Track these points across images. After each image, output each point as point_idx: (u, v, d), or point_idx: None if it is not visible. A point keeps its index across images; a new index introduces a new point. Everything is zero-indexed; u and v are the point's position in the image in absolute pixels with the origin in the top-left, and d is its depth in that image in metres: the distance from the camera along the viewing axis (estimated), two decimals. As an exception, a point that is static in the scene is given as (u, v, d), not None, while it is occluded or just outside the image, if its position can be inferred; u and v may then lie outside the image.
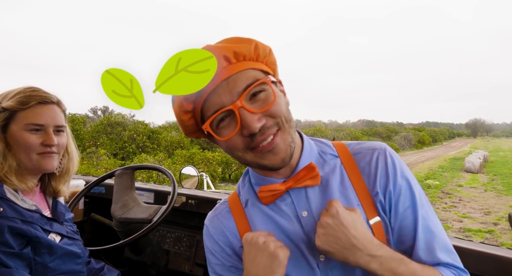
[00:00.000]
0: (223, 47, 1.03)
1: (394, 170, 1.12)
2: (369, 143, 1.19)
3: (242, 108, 1.00)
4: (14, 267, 1.29)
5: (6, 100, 1.43)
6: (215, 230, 1.23)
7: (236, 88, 1.01)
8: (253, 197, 1.21)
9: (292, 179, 1.12)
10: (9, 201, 1.37)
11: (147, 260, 2.29)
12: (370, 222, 1.09)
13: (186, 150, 18.63)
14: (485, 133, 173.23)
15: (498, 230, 9.01)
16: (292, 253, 1.11)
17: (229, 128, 1.04)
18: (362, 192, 1.13)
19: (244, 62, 1.04)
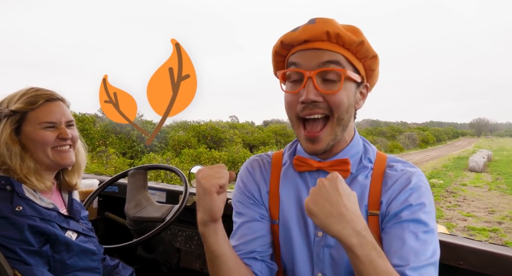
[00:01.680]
0: (331, 24, 1.12)
1: (411, 191, 1.15)
2: (407, 165, 1.24)
3: (311, 78, 1.11)
4: (34, 265, 1.30)
5: (13, 103, 1.44)
6: (251, 167, 1.38)
7: (318, 60, 1.12)
8: (292, 160, 1.32)
9: (327, 163, 1.22)
10: (28, 200, 1.39)
11: (159, 258, 2.30)
12: (370, 211, 1.19)
13: (193, 149, 18.64)
14: (489, 132, 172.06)
15: (503, 229, 8.96)
16: (300, 223, 1.25)
17: (294, 86, 1.17)
18: (374, 197, 1.19)
19: (339, 47, 1.14)
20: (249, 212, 1.31)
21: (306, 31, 1.13)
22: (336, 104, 1.13)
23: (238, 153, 18.72)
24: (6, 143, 1.40)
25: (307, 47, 1.14)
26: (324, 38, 1.12)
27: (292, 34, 1.16)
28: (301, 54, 1.15)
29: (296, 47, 1.17)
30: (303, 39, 1.14)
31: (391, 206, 1.16)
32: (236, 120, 68.53)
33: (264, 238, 1.27)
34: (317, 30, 1.12)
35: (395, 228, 1.11)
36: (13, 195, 1.35)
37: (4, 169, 1.41)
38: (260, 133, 27.84)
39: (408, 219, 1.11)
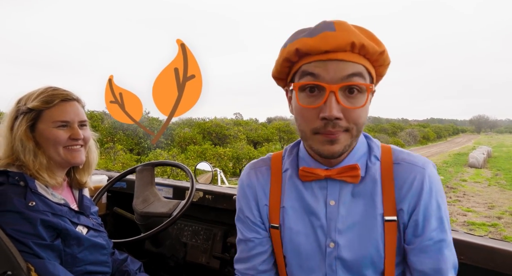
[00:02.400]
0: (354, 33, 1.01)
1: (429, 194, 1.11)
2: (413, 158, 1.17)
3: (334, 93, 1.00)
4: (46, 258, 1.31)
5: (31, 101, 1.45)
6: (248, 181, 1.30)
7: (342, 73, 1.00)
8: (294, 169, 1.23)
9: (334, 170, 1.13)
10: (41, 195, 1.40)
11: (166, 252, 2.31)
12: (385, 217, 1.12)
13: (199, 145, 18.67)
14: (489, 129, 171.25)
15: (502, 223, 8.95)
16: (308, 232, 1.18)
17: (311, 99, 1.04)
18: (388, 201, 1.13)
19: (361, 57, 1.03)
20: (244, 230, 1.29)
21: (327, 40, 0.99)
22: (357, 119, 1.04)
23: (243, 150, 18.74)
24: (21, 139, 1.42)
25: (328, 57, 1.01)
26: (348, 48, 1.00)
27: (309, 41, 1.01)
28: (320, 65, 1.02)
29: (314, 56, 1.03)
30: (324, 49, 1.00)
31: (413, 218, 1.11)
32: (240, 117, 68.46)
33: (262, 255, 1.26)
34: (341, 40, 0.99)
35: (421, 246, 1.10)
36: (27, 191, 1.37)
37: (17, 165, 1.42)
38: (264, 130, 27.85)
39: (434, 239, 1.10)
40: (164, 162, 2.41)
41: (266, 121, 63.34)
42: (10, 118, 1.46)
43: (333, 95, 1.00)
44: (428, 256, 1.09)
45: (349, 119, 1.03)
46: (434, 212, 1.11)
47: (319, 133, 1.05)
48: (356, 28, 1.04)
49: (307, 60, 1.04)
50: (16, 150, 1.42)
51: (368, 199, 1.14)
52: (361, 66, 1.03)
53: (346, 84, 1.01)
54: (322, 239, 1.16)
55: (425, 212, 1.10)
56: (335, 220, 1.15)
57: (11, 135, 1.44)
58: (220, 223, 2.45)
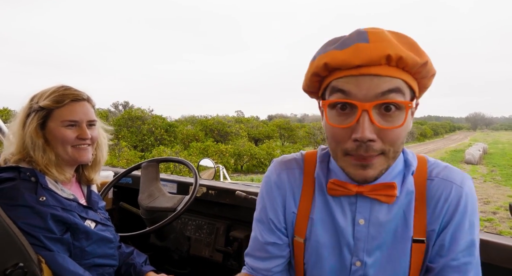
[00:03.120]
0: (391, 44, 0.87)
1: (463, 215, 1.00)
2: (450, 173, 1.05)
3: (367, 111, 0.87)
4: (56, 251, 1.33)
5: (43, 99, 1.46)
6: (279, 182, 1.16)
7: (376, 89, 0.87)
8: (324, 179, 1.11)
9: (368, 187, 1.00)
10: (51, 190, 1.42)
11: (170, 246, 2.33)
12: (414, 238, 1.02)
13: (201, 142, 18.68)
14: (485, 126, 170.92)
15: (497, 219, 8.96)
16: (334, 247, 1.08)
17: (342, 118, 0.92)
18: (419, 221, 1.03)
19: (399, 71, 0.89)
20: (264, 233, 1.16)
21: (358, 54, 0.86)
22: (394, 141, 0.91)
23: (244, 146, 18.74)
24: (31, 136, 1.43)
25: (360, 72, 0.87)
26: (383, 62, 0.86)
27: (339, 55, 0.88)
28: (351, 81, 0.88)
29: (344, 71, 0.89)
30: (355, 64, 0.86)
31: (441, 237, 1.01)
32: (241, 114, 68.35)
33: (279, 259, 1.17)
34: (375, 53, 0.85)
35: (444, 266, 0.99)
36: (37, 186, 1.38)
37: (28, 160, 1.44)
38: (265, 127, 27.87)
39: (460, 261, 0.99)
40: (168, 159, 2.42)
41: (267, 118, 63.30)
42: (23, 115, 1.48)
43: (366, 114, 0.87)
44: (453, 271, 0.99)
45: (385, 140, 0.90)
46: (465, 233, 0.99)
47: (350, 155, 0.93)
48: (394, 36, 0.90)
49: (337, 75, 0.91)
50: (27, 146, 1.43)
51: (400, 219, 1.03)
52: (399, 80, 0.89)
53: (381, 102, 0.88)
54: (348, 257, 1.06)
55: (455, 232, 1.00)
56: (363, 240, 1.05)
57: (23, 131, 1.45)
58: (223, 217, 2.46)
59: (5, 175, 1.38)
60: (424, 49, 0.92)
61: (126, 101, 60.82)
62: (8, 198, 1.31)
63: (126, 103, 58.86)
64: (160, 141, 19.15)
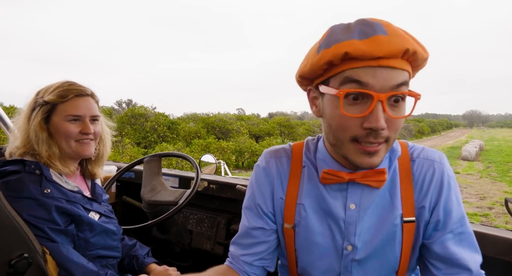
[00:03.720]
0: (409, 40, 0.89)
1: (448, 190, 1.06)
2: (429, 153, 1.10)
3: (381, 102, 0.89)
4: (61, 242, 1.33)
5: (47, 94, 1.47)
6: (267, 168, 1.18)
7: (392, 82, 0.89)
8: (313, 168, 1.13)
9: (359, 174, 1.03)
10: (55, 183, 1.42)
11: (172, 239, 2.33)
12: (404, 219, 1.06)
13: (203, 139, 18.68)
14: (481, 123, 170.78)
15: (493, 214, 8.95)
16: (325, 233, 1.10)
17: (355, 108, 0.92)
18: (407, 199, 1.07)
19: (408, 64, 0.92)
20: (252, 218, 1.18)
21: (380, 46, 0.86)
22: (396, 129, 0.95)
23: (245, 143, 18.74)
24: (35, 130, 1.43)
25: (378, 64, 0.87)
26: (400, 55, 0.88)
27: (361, 45, 0.87)
28: (369, 72, 0.88)
29: (363, 61, 0.88)
30: (377, 55, 0.86)
31: (434, 215, 1.05)
32: (242, 112, 68.33)
33: (264, 244, 1.18)
34: (395, 46, 0.86)
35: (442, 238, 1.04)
36: (42, 179, 1.39)
37: (32, 154, 1.45)
38: (265, 125, 27.87)
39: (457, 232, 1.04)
40: (170, 153, 2.43)
41: (267, 116, 63.30)
42: (28, 109, 1.48)
43: (380, 104, 0.89)
44: (448, 245, 1.03)
45: (391, 128, 0.93)
46: (455, 206, 1.05)
47: (358, 141, 0.94)
48: (404, 32, 0.92)
49: (354, 65, 0.89)
50: (31, 139, 1.44)
51: (388, 201, 1.07)
52: (406, 73, 0.92)
53: (395, 93, 0.90)
54: (339, 241, 1.09)
55: (446, 207, 1.05)
56: (354, 224, 1.07)
57: (28, 125, 1.46)
58: (224, 211, 2.47)
59: (10, 168, 1.38)
60: None
61: (130, 99, 60.82)
62: (13, 190, 1.32)
63: (129, 101, 58.84)
64: (163, 138, 19.16)
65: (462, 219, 1.05)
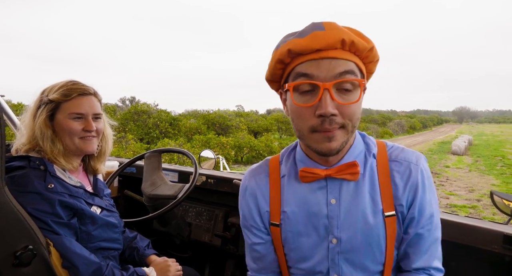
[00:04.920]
0: (343, 31, 0.96)
1: (423, 189, 1.10)
2: (407, 153, 1.14)
3: (328, 90, 0.95)
4: (64, 235, 1.34)
5: (52, 93, 1.47)
6: (249, 188, 1.25)
7: (334, 70, 0.95)
8: (293, 173, 1.19)
9: (334, 169, 1.09)
10: (59, 178, 1.43)
11: (172, 231, 2.34)
12: (386, 213, 1.09)
13: (203, 135, 18.66)
14: (470, 119, 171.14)
15: (481, 205, 8.98)
16: (310, 233, 1.14)
17: (306, 98, 0.99)
18: (386, 195, 1.11)
19: (351, 54, 0.99)
20: (250, 235, 1.26)
21: (317, 39, 0.95)
22: (352, 115, 0.99)
23: (244, 139, 18.73)
24: (40, 127, 1.44)
25: (319, 56, 0.96)
26: (338, 46, 0.96)
27: (300, 41, 0.96)
28: (313, 64, 0.97)
29: (306, 55, 0.97)
30: (315, 48, 0.95)
31: (410, 211, 1.10)
32: (241, 109, 68.24)
33: (269, 256, 1.25)
34: (331, 38, 0.94)
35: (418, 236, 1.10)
36: (46, 174, 1.40)
37: (37, 150, 1.46)
38: (264, 121, 27.83)
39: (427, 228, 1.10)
40: (170, 149, 2.43)
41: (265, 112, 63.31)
42: (34, 107, 1.49)
43: (327, 92, 0.95)
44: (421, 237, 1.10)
45: (344, 115, 0.98)
46: (428, 205, 1.10)
47: (317, 131, 1.00)
48: (345, 27, 1.00)
49: (300, 60, 0.99)
50: (36, 136, 1.45)
51: (368, 195, 1.10)
52: (352, 63, 0.98)
53: (339, 80, 0.96)
54: (324, 236, 1.12)
55: (420, 206, 1.10)
56: (336, 218, 1.11)
57: (33, 122, 1.47)
58: (222, 204, 2.47)
59: (16, 163, 1.39)
60: (369, 37, 1.02)
61: (133, 96, 60.83)
62: (18, 185, 1.32)
63: (132, 98, 58.83)
64: (165, 134, 19.13)
65: (431, 218, 1.11)
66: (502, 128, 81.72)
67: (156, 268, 1.63)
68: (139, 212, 2.39)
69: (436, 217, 1.13)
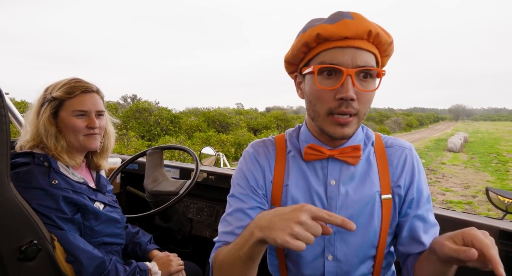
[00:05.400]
0: (372, 24, 1.00)
1: (419, 172, 1.17)
2: (400, 141, 1.22)
3: (350, 76, 0.98)
4: (67, 230, 1.35)
5: (55, 90, 1.47)
6: (257, 154, 1.22)
7: (359, 59, 0.98)
8: (296, 151, 1.20)
9: (338, 150, 1.12)
10: (62, 174, 1.43)
11: (174, 227, 2.35)
12: (382, 196, 1.13)
13: (204, 132, 18.66)
14: (466, 117, 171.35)
15: (476, 202, 8.99)
16: None
17: (329, 81, 1.01)
18: (384, 178, 1.15)
19: (374, 47, 1.02)
20: (248, 200, 1.16)
21: (347, 27, 0.97)
22: (365, 102, 1.03)
23: (243, 136, 18.74)
24: (44, 124, 1.44)
25: (346, 44, 0.98)
26: (365, 36, 0.98)
27: (331, 27, 0.98)
28: (338, 52, 0.99)
29: (333, 42, 0.99)
30: (344, 35, 0.97)
31: (410, 192, 1.15)
32: (241, 107, 68.20)
33: None
34: (360, 28, 0.97)
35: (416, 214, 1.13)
36: (50, 170, 1.40)
37: (41, 147, 1.45)
38: (263, 118, 27.82)
39: (425, 209, 1.15)
40: (171, 146, 2.44)
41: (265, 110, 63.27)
42: (37, 105, 1.49)
43: (349, 78, 0.98)
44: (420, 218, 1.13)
45: (360, 101, 1.01)
46: (424, 187, 1.17)
47: (332, 113, 1.02)
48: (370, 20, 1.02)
49: (326, 46, 1.00)
50: (41, 133, 1.45)
51: (366, 178, 1.14)
52: (373, 55, 1.02)
53: (362, 68, 0.99)
54: None
55: (418, 187, 1.15)
56: (335, 198, 1.13)
57: (37, 120, 1.46)
58: (222, 201, 2.47)
59: (20, 160, 1.39)
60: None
61: (134, 94, 60.81)
62: (23, 181, 1.32)
63: (134, 96, 58.78)
64: (166, 131, 19.12)
65: (429, 197, 1.18)
66: (497, 125, 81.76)
67: (158, 263, 1.64)
68: (141, 208, 2.40)
69: (430, 196, 1.19)
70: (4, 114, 1.16)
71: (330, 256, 1.15)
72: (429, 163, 15.56)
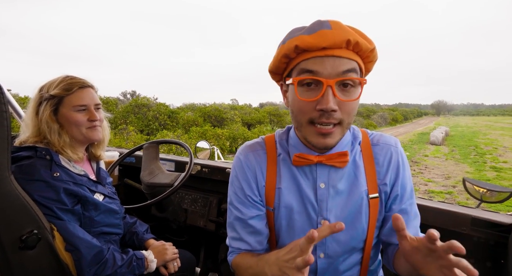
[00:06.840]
0: (349, 31, 0.95)
1: (403, 169, 1.15)
2: (386, 138, 1.18)
3: (330, 87, 0.94)
4: (67, 220, 1.35)
5: (52, 88, 1.46)
6: (248, 162, 1.20)
7: (338, 68, 0.94)
8: (286, 155, 1.17)
9: (325, 156, 1.09)
10: (63, 167, 1.43)
11: (169, 217, 2.34)
12: (370, 195, 1.12)
13: (200, 127, 18.62)
14: (447, 112, 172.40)
15: (456, 191, 9.09)
16: (301, 210, 1.14)
17: (309, 93, 0.97)
18: (371, 177, 1.13)
19: (355, 54, 0.97)
20: (246, 210, 1.17)
21: (324, 37, 0.93)
22: (349, 112, 0.99)
23: (238, 131, 18.72)
24: (46, 122, 1.44)
25: (325, 53, 0.94)
26: (343, 45, 0.94)
27: (308, 38, 0.94)
28: (317, 61, 0.95)
29: (312, 53, 0.96)
30: (322, 46, 0.93)
31: (394, 190, 1.14)
32: (236, 102, 68.10)
33: (263, 231, 1.18)
34: (338, 38, 0.93)
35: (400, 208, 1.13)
36: (52, 163, 1.39)
37: (45, 142, 1.45)
38: (257, 114, 27.82)
39: (409, 203, 1.15)
40: (166, 140, 2.43)
41: (258, 105, 63.24)
42: (34, 104, 1.48)
43: (330, 89, 0.94)
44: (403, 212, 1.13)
45: (343, 111, 0.97)
46: (408, 182, 1.16)
47: (314, 123, 0.99)
48: (349, 27, 0.98)
49: (305, 56, 0.97)
50: (43, 131, 1.44)
51: (353, 179, 1.13)
52: (354, 62, 0.97)
53: (342, 79, 0.94)
54: (314, 217, 1.12)
55: (402, 183, 1.14)
56: (325, 201, 1.12)
57: (37, 118, 1.45)
58: (215, 192, 2.48)
59: (23, 153, 1.39)
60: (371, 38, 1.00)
61: (134, 90, 60.50)
62: (26, 174, 1.32)
63: (133, 92, 58.50)
64: (164, 126, 19.06)
65: (412, 192, 1.17)
66: (476, 120, 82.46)
67: (154, 251, 1.64)
68: (138, 199, 2.39)
69: (413, 190, 1.19)
70: (5, 110, 1.16)
71: (322, 254, 1.15)
72: (413, 156, 15.66)
